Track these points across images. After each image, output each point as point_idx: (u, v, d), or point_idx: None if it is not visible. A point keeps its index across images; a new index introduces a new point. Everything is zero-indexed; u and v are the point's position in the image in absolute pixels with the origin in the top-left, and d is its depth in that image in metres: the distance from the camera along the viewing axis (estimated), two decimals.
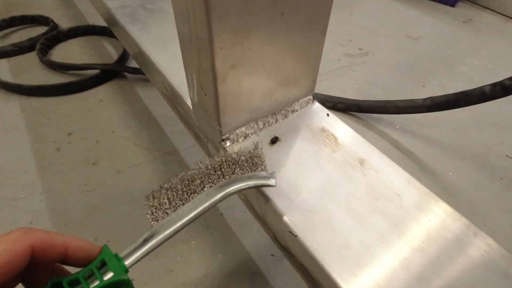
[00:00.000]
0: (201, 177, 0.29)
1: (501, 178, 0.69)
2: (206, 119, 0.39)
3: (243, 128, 0.39)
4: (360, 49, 1.05)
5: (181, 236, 0.57)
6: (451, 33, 1.16)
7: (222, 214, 0.60)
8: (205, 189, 0.28)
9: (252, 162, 0.31)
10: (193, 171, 0.29)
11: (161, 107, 0.82)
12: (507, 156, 0.73)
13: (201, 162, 0.30)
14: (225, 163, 0.30)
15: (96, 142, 0.72)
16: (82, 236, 0.57)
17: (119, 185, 0.64)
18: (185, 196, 0.28)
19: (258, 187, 0.32)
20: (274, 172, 0.32)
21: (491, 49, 1.08)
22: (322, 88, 0.89)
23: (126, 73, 0.90)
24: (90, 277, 0.23)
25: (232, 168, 0.30)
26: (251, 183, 0.30)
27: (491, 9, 1.30)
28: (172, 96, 0.50)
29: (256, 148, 0.32)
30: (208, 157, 0.31)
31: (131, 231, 0.57)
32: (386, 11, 1.26)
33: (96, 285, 0.22)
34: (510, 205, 0.64)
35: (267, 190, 0.34)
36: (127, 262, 0.24)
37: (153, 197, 0.27)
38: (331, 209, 0.33)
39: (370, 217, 0.32)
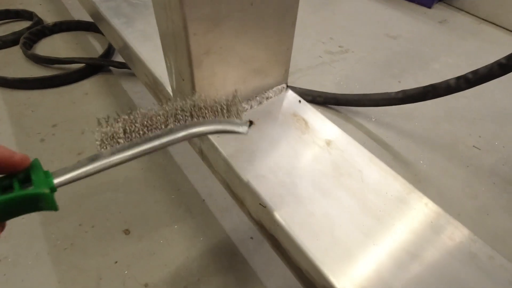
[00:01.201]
0: (166, 115, 0.26)
1: (467, 166, 0.73)
2: None
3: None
4: (340, 46, 1.09)
5: (164, 220, 0.59)
6: (428, 32, 1.21)
7: (204, 200, 0.63)
8: (168, 127, 0.26)
9: (227, 109, 0.28)
10: (159, 107, 0.26)
11: (146, 101, 0.84)
12: (474, 146, 0.78)
13: (170, 102, 0.27)
14: (196, 106, 0.27)
15: (81, 134, 0.74)
16: (66, 222, 0.59)
17: (103, 174, 0.66)
18: (144, 130, 0.25)
19: (226, 132, 0.29)
20: (249, 121, 0.29)
21: (464, 48, 1.14)
22: (303, 83, 0.93)
23: (111, 68, 0.91)
24: (7, 188, 0.21)
25: (203, 112, 0.27)
26: (220, 127, 0.27)
27: (465, 11, 1.36)
28: (154, 85, 0.53)
29: (235, 97, 0.29)
30: (179, 99, 0.28)
31: (116, 217, 0.59)
32: (367, 11, 1.30)
33: (9, 195, 0.19)
34: (475, 191, 0.69)
35: (241, 169, 0.37)
36: (57, 181, 0.22)
37: (107, 124, 0.24)
38: (298, 183, 0.36)
39: (333, 190, 0.36)
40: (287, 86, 0.48)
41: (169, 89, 0.47)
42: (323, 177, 0.37)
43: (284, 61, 0.44)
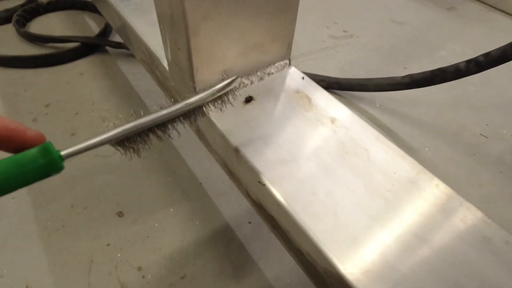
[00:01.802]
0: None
1: (474, 155, 0.71)
2: (181, 77, 0.39)
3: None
4: (345, 31, 1.06)
5: (159, 204, 0.57)
6: (435, 19, 1.18)
7: (201, 183, 0.61)
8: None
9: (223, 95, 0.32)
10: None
11: (143, 82, 0.81)
12: (481, 134, 0.76)
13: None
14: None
15: (75, 114, 0.71)
16: (58, 204, 0.57)
17: (97, 156, 0.64)
18: None
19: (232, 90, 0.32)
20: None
21: (471, 36, 1.11)
22: (306, 67, 0.90)
23: (108, 48, 0.88)
24: None
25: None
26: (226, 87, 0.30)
27: None
28: (149, 61, 0.50)
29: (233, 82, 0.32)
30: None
31: (109, 199, 0.57)
32: None
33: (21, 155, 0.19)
34: (481, 180, 0.67)
35: (240, 146, 0.34)
36: (64, 152, 0.22)
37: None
38: (300, 161, 0.34)
39: (337, 169, 0.33)
40: (290, 63, 0.45)
41: (165, 63, 0.45)
42: (327, 155, 0.34)
43: (287, 34, 0.42)
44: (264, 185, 0.32)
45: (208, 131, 0.40)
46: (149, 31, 0.50)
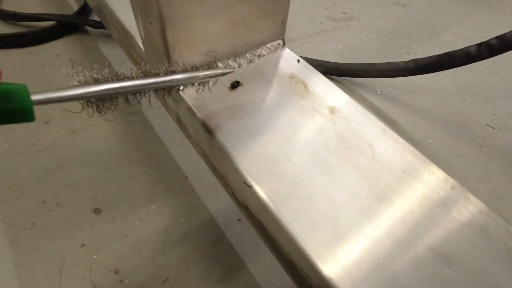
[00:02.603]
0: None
1: (480, 146, 0.67)
2: (156, 58, 0.34)
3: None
4: (344, 13, 0.99)
5: (140, 199, 0.52)
6: (439, 1, 1.11)
7: (187, 177, 0.56)
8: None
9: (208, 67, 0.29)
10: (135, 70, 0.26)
11: (126, 66, 0.75)
12: (487, 125, 0.71)
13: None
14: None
15: None
16: (28, 199, 0.52)
17: (73, 146, 0.58)
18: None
19: (215, 76, 0.29)
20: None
21: (477, 19, 1.05)
22: (302, 51, 0.84)
23: (88, 28, 0.81)
24: None
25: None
26: (207, 72, 0.27)
27: None
28: (125, 40, 0.44)
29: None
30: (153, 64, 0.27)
31: (85, 194, 0.52)
32: None
33: None
34: (487, 173, 0.62)
35: (223, 140, 0.29)
36: (35, 98, 0.19)
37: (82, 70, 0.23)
38: (294, 158, 0.28)
39: (338, 168, 0.28)
40: (284, 43, 0.40)
41: (140, 42, 0.39)
42: (325, 151, 0.29)
43: (281, 9, 0.36)
44: (250, 186, 0.27)
45: (188, 120, 0.35)
46: (124, 6, 0.44)
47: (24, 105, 0.18)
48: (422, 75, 0.67)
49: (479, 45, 0.56)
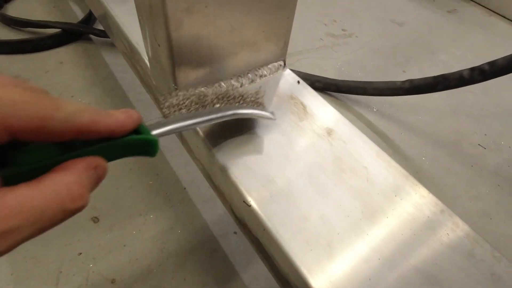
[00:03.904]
0: (212, 97, 0.30)
1: (472, 166, 0.69)
2: (162, 76, 0.35)
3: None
4: (343, 30, 1.02)
5: (139, 209, 0.53)
6: (435, 21, 1.15)
7: (185, 188, 0.57)
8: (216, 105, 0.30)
9: (256, 102, 0.32)
10: (206, 90, 0.31)
11: (129, 75, 0.76)
12: (479, 145, 0.73)
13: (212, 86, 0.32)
14: (233, 93, 0.31)
15: None
16: None
17: None
18: (198, 106, 0.29)
19: (260, 117, 0.32)
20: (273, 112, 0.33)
21: (472, 40, 1.08)
22: (302, 66, 0.86)
23: (92, 36, 0.83)
24: None
25: (239, 100, 0.31)
26: (256, 112, 0.31)
27: (475, 1, 1.29)
28: (130, 54, 0.45)
29: (259, 91, 0.34)
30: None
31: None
32: None
33: (127, 138, 0.19)
34: (479, 192, 0.64)
35: (224, 158, 0.31)
36: (155, 132, 0.23)
37: (170, 96, 0.29)
38: (291, 178, 0.30)
39: (333, 189, 0.30)
40: (285, 64, 0.41)
41: (146, 59, 0.40)
42: (322, 172, 0.31)
43: (283, 33, 0.37)
44: (249, 206, 0.28)
45: (190, 137, 0.36)
46: (130, 21, 0.45)
47: (155, 150, 0.21)
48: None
49: (472, 69, 0.58)
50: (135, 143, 0.19)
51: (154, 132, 0.22)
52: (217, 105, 0.29)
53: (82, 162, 0.16)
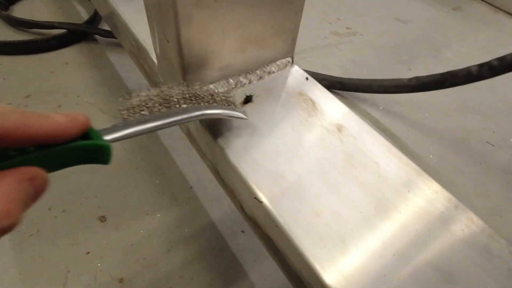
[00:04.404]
0: (178, 97, 0.28)
1: (480, 163, 0.68)
2: (171, 73, 0.35)
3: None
4: (348, 28, 1.01)
5: (145, 208, 0.53)
6: (440, 19, 1.14)
7: (191, 187, 0.56)
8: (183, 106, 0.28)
9: (227, 101, 0.31)
10: (171, 90, 0.28)
11: (134, 75, 0.76)
12: (487, 142, 0.73)
13: (178, 85, 0.29)
14: (201, 93, 0.29)
15: (58, 107, 0.66)
16: (35, 206, 0.52)
17: None
18: (162, 107, 0.27)
19: (231, 117, 0.31)
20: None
21: (477, 37, 1.07)
22: (306, 64, 0.85)
23: (97, 36, 0.83)
24: None
25: (208, 99, 0.29)
26: (226, 111, 0.30)
27: None
28: (137, 52, 0.45)
29: (229, 90, 0.33)
30: (185, 85, 0.29)
31: (91, 201, 0.53)
32: None
33: (74, 144, 0.18)
34: (487, 190, 0.63)
35: (233, 154, 0.30)
36: (109, 137, 0.21)
37: (133, 96, 0.26)
38: (302, 174, 0.29)
39: (344, 185, 0.29)
40: (293, 61, 0.41)
41: (153, 57, 0.40)
42: (332, 168, 0.30)
43: (292, 29, 0.37)
44: (261, 202, 0.28)
45: (199, 135, 0.36)
46: (137, 19, 0.45)
47: (107, 158, 0.20)
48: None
49: (481, 65, 0.58)
50: (81, 149, 0.18)
51: (108, 137, 0.21)
52: (184, 106, 0.28)
53: (14, 173, 0.15)
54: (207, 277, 0.47)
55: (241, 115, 0.31)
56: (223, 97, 0.31)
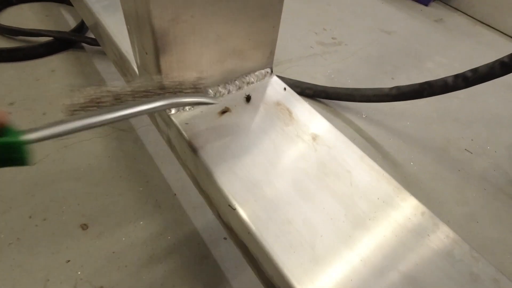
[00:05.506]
0: (133, 91, 0.27)
1: (459, 171, 0.70)
2: (150, 84, 0.36)
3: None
4: (333, 38, 1.04)
5: (128, 216, 0.53)
6: (423, 30, 1.18)
7: (175, 194, 0.57)
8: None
9: (195, 88, 0.29)
10: (127, 84, 0.27)
11: (121, 83, 0.76)
12: (466, 150, 0.75)
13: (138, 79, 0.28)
14: (168, 84, 0.28)
15: (43, 115, 0.66)
16: (14, 213, 0.52)
17: (64, 161, 0.59)
18: (112, 103, 0.25)
19: (198, 104, 0.30)
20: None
21: (458, 49, 1.11)
22: (292, 74, 0.87)
23: (84, 45, 0.83)
24: None
25: (174, 90, 0.28)
26: (191, 99, 0.28)
27: (461, 11, 1.33)
28: (121, 62, 0.46)
29: (199, 77, 0.30)
30: (145, 80, 0.28)
31: (73, 209, 0.53)
32: (363, 5, 1.25)
33: None
34: (465, 197, 0.65)
35: (210, 163, 0.31)
36: (29, 136, 0.19)
37: (79, 93, 0.24)
38: (276, 183, 0.30)
39: (317, 193, 0.30)
40: (272, 72, 0.42)
41: (135, 66, 0.41)
42: (306, 177, 0.31)
43: (270, 42, 0.38)
44: (234, 209, 0.28)
45: (178, 143, 0.36)
46: (121, 31, 0.46)
47: (23, 157, 0.18)
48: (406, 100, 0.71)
49: (456, 76, 0.60)
50: None
51: (31, 135, 0.19)
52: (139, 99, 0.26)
53: None
54: (189, 285, 0.47)
55: (209, 100, 0.29)
56: (191, 86, 0.29)
